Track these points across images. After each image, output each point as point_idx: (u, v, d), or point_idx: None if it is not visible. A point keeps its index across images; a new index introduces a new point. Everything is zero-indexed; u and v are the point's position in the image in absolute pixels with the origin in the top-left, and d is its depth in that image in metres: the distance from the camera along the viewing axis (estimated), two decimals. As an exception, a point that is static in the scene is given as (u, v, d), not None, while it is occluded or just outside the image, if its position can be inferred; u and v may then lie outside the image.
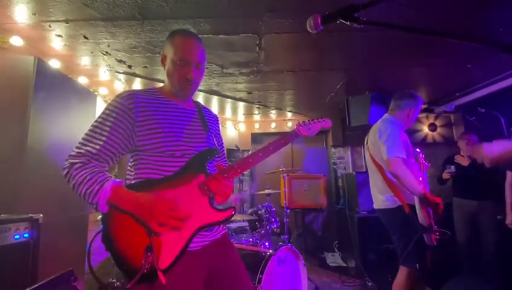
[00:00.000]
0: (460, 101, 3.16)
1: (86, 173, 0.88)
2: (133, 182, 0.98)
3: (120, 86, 2.85)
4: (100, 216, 2.47)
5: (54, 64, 2.16)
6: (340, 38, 2.03)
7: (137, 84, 2.83)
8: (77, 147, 0.93)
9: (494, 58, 2.31)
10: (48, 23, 1.77)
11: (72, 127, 2.01)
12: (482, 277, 2.75)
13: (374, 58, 2.36)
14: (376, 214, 1.95)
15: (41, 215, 1.43)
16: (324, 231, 4.41)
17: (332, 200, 4.30)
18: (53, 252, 1.67)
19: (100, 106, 2.76)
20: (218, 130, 1.26)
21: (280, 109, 3.93)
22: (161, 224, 0.87)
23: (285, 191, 3.25)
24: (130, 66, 2.41)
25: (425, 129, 4.37)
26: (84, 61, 2.29)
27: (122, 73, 2.54)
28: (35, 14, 1.69)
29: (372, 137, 1.95)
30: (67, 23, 1.76)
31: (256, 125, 4.49)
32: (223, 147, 1.26)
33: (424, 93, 3.41)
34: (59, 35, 1.91)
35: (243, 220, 2.84)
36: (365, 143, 2.06)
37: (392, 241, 1.86)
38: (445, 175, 2.89)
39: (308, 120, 1.24)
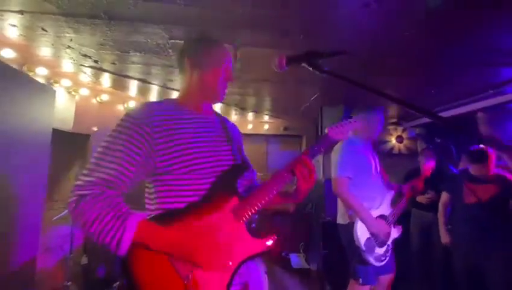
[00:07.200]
0: (425, 120, 3.35)
1: (100, 206, 0.73)
2: (154, 214, 0.85)
3: (86, 79, 2.67)
4: (56, 217, 2.35)
5: (8, 53, 1.96)
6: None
7: (106, 79, 2.67)
8: (85, 175, 0.76)
9: (450, 88, 2.51)
10: (0, 13, 1.59)
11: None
12: (431, 284, 3.00)
13: (348, 74, 2.41)
14: None
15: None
16: (291, 233, 4.54)
17: (302, 202, 4.42)
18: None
19: (62, 98, 2.57)
20: (241, 143, 1.12)
21: (257, 112, 3.92)
22: (207, 260, 0.76)
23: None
24: (96, 61, 2.25)
25: (393, 141, 4.59)
26: (44, 52, 2.10)
27: (88, 67, 2.37)
28: (-17, 1, 1.51)
29: (331, 156, 2.01)
30: (22, 14, 1.59)
31: (233, 125, 4.44)
32: (248, 161, 1.11)
33: (393, 110, 3.56)
34: (13, 25, 1.72)
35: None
36: None
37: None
38: (421, 199, 2.92)
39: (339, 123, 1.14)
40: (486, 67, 2.11)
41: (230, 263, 0.81)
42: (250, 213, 0.87)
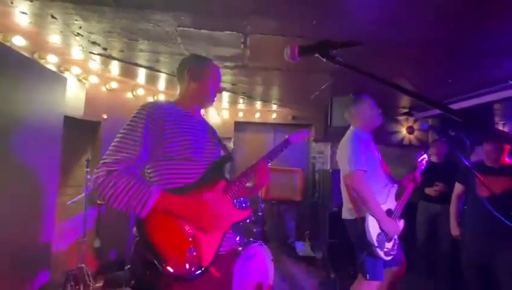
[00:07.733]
0: (438, 111, 3.25)
1: (127, 178, 0.89)
2: None
3: (96, 66, 2.68)
4: (70, 202, 2.43)
5: (19, 41, 1.97)
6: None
7: (115, 66, 2.67)
8: (109, 155, 0.93)
9: (469, 77, 2.39)
10: (10, 0, 1.59)
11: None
12: (435, 277, 3.01)
13: (360, 63, 2.34)
14: None
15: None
16: (298, 221, 4.59)
17: (308, 192, 4.43)
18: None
19: (73, 86, 2.60)
20: (220, 140, 1.39)
21: (265, 101, 3.88)
22: (210, 223, 1.00)
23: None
24: (105, 49, 2.25)
25: (404, 131, 4.49)
26: (54, 39, 2.10)
27: (97, 54, 2.37)
28: (-7, -12, 1.51)
29: (338, 150, 1.97)
30: (32, 1, 1.59)
31: (240, 114, 4.42)
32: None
33: (405, 99, 3.47)
34: (23, 13, 1.72)
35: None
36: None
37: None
38: (430, 191, 2.90)
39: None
40: (506, 57, 2.01)
41: (222, 226, 1.08)
42: (234, 191, 1.16)
